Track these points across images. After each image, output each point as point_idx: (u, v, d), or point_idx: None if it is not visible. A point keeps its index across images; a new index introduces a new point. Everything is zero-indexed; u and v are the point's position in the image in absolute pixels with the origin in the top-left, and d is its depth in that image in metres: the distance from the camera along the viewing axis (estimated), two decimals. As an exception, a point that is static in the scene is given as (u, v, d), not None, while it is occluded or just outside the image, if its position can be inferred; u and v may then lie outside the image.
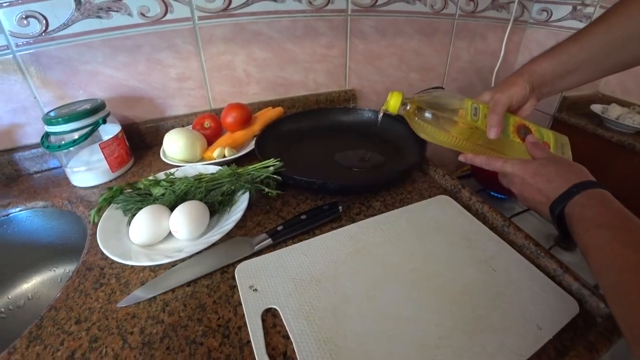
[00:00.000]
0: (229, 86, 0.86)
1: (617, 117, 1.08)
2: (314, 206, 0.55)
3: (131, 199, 0.55)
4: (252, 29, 0.82)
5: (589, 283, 0.44)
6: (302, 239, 0.50)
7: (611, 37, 0.48)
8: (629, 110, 1.10)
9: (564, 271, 0.46)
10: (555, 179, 0.41)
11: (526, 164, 0.45)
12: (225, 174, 0.55)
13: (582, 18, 1.10)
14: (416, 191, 0.63)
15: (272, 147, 0.70)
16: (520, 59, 1.30)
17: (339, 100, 0.99)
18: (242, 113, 0.71)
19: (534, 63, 0.54)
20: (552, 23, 1.18)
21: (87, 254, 0.51)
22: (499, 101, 0.51)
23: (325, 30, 0.90)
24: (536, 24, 1.22)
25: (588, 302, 0.43)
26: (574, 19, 1.12)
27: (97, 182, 0.69)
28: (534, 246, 0.49)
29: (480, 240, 0.51)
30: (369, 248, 0.48)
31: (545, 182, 0.42)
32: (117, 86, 0.77)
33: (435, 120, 0.52)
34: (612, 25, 0.48)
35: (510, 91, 0.52)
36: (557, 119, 1.22)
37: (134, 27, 0.73)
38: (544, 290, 0.44)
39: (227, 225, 0.49)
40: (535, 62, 0.54)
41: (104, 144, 0.68)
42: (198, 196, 0.53)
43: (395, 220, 0.54)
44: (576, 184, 0.39)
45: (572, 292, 0.44)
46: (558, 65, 0.52)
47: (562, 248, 0.92)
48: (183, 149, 0.67)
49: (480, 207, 0.58)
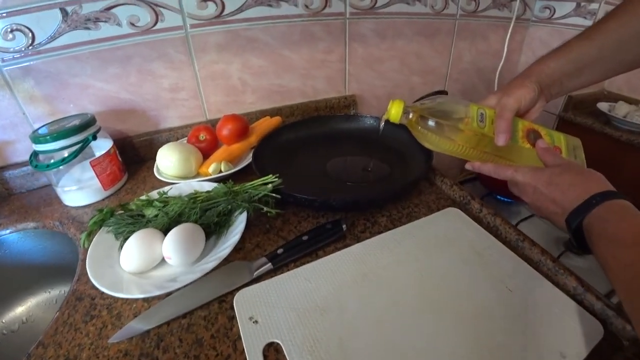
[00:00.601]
0: (224, 96, 0.83)
1: (625, 115, 1.05)
2: (316, 224, 0.53)
3: (122, 221, 0.52)
4: (246, 36, 0.79)
5: (612, 303, 0.41)
6: (305, 261, 0.47)
7: (623, 33, 0.46)
8: (636, 107, 1.07)
9: (585, 289, 0.43)
10: (571, 189, 0.38)
11: (538, 172, 0.42)
12: (221, 192, 0.52)
13: (586, 15, 1.07)
14: (423, 203, 0.60)
15: (270, 159, 0.67)
16: (523, 58, 1.27)
17: (339, 106, 0.96)
18: (238, 125, 0.68)
19: (542, 63, 0.51)
20: (555, 20, 1.15)
21: (78, 282, 0.48)
22: (506, 105, 0.48)
23: (323, 34, 0.87)
24: (539, 22, 1.19)
25: (613, 324, 0.40)
26: (577, 15, 1.09)
27: (90, 201, 0.67)
28: (551, 262, 0.46)
29: (493, 256, 0.48)
30: (376, 271, 0.45)
31: (560, 192, 0.39)
32: (109, 99, 0.75)
33: (440, 129, 0.49)
34: (624, 22, 0.46)
35: (517, 94, 0.49)
36: (563, 118, 1.19)
37: (124, 38, 0.70)
38: (564, 311, 0.41)
39: (224, 250, 0.46)
40: (543, 62, 0.51)
41: (95, 162, 0.65)
42: (193, 217, 0.50)
43: (403, 237, 0.51)
44: (595, 194, 0.36)
45: (595, 313, 0.41)
46: (567, 64, 0.50)
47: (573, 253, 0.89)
48: (177, 164, 0.64)
49: (492, 219, 0.54)
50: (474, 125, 0.47)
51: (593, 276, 0.60)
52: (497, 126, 0.47)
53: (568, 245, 0.91)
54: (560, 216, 0.39)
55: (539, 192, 0.41)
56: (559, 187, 0.39)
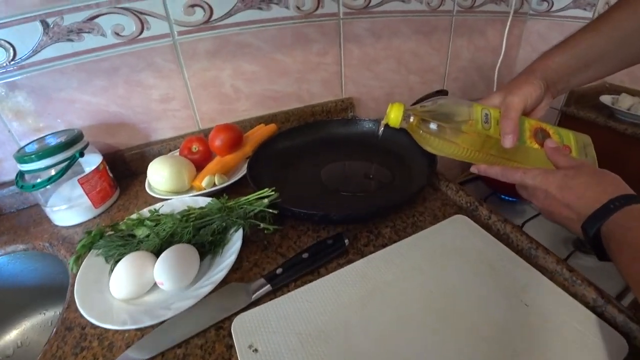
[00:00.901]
0: (216, 104, 0.81)
1: (629, 107, 1.02)
2: (317, 238, 0.50)
3: (112, 243, 0.49)
4: (237, 41, 0.76)
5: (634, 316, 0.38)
6: (306, 280, 0.45)
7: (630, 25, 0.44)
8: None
9: (606, 301, 0.40)
10: (587, 193, 0.36)
11: (550, 175, 0.39)
12: (215, 208, 0.49)
13: (585, 6, 1.05)
14: (428, 211, 0.57)
15: (266, 169, 0.65)
16: (522, 53, 1.24)
17: (336, 110, 0.93)
18: (231, 135, 0.65)
19: (547, 58, 0.48)
20: (553, 13, 1.12)
21: (67, 310, 0.46)
22: (512, 105, 0.45)
23: (317, 36, 0.84)
24: (537, 15, 1.16)
25: (637, 338, 0.37)
26: (577, 7, 1.07)
27: (80, 220, 0.64)
28: (567, 272, 0.44)
29: (506, 267, 0.46)
30: (382, 288, 0.43)
31: (574, 196, 0.37)
32: (97, 113, 0.72)
33: (442, 132, 0.46)
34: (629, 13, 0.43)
35: (523, 92, 0.46)
36: (565, 113, 1.16)
37: (109, 48, 0.67)
38: (585, 326, 0.38)
39: (219, 273, 0.43)
40: (548, 57, 0.48)
41: (83, 179, 0.62)
42: (186, 237, 0.47)
43: (409, 250, 0.48)
44: (613, 199, 0.34)
45: (617, 326, 0.38)
46: (573, 58, 0.47)
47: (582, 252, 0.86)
48: (169, 179, 0.61)
49: (502, 226, 0.52)
50: (478, 127, 0.45)
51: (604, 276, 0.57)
52: (503, 127, 0.44)
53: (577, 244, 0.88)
54: (575, 222, 0.37)
55: (551, 196, 0.39)
56: (573, 190, 0.37)
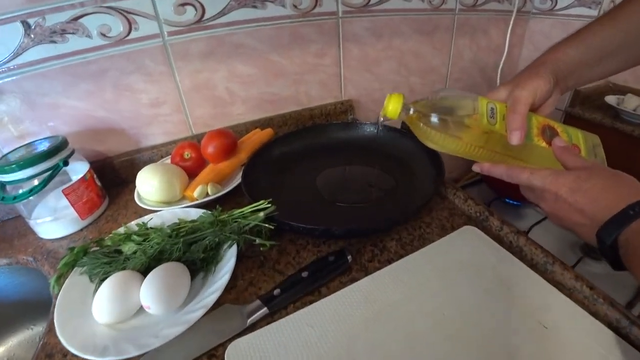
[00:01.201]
0: (210, 108, 0.77)
1: (635, 108, 0.99)
2: (317, 253, 0.46)
3: (97, 260, 0.46)
4: (231, 41, 0.73)
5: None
6: (306, 301, 0.41)
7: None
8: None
9: (631, 322, 0.37)
10: (602, 197, 0.33)
11: (560, 177, 0.36)
12: (207, 222, 0.46)
13: (590, 4, 1.02)
14: (435, 222, 0.53)
15: (262, 178, 0.61)
16: (525, 52, 1.21)
17: (336, 113, 0.90)
18: (224, 141, 0.62)
19: (558, 50, 0.45)
20: (557, 12, 1.09)
21: (48, 334, 0.42)
22: (520, 99, 0.41)
23: (315, 36, 0.81)
24: (540, 14, 1.13)
25: (667, 363, 0.34)
26: (581, 5, 1.04)
27: (66, 233, 0.61)
28: (588, 289, 0.40)
29: (521, 285, 0.42)
30: (389, 310, 0.39)
31: (588, 200, 0.33)
32: (83, 118, 0.68)
33: (444, 126, 0.42)
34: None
35: (532, 85, 0.42)
36: (570, 114, 1.13)
37: (96, 50, 0.63)
38: (609, 350, 0.35)
39: (211, 296, 0.39)
40: (559, 49, 0.45)
41: (69, 190, 0.58)
42: (176, 254, 0.44)
43: (417, 266, 0.45)
44: (632, 204, 0.30)
45: (645, 350, 0.35)
46: (587, 51, 0.44)
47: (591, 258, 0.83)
48: (159, 188, 0.57)
49: (515, 238, 0.48)
50: (483, 122, 0.40)
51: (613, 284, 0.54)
52: (510, 122, 0.40)
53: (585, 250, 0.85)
54: (588, 228, 0.34)
55: (561, 200, 0.35)
56: (587, 194, 0.33)
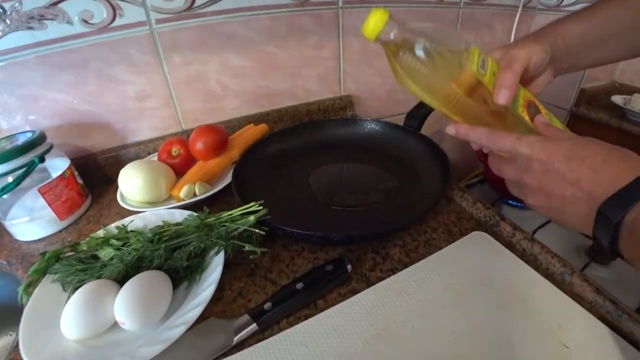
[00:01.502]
0: (201, 102, 0.72)
1: (642, 108, 0.96)
2: (313, 261, 0.42)
3: (71, 267, 0.41)
4: (224, 31, 0.68)
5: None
6: (300, 315, 0.37)
7: None
8: (654, 100, 0.97)
9: (661, 342, 0.33)
10: (605, 167, 0.27)
11: (552, 143, 0.30)
12: (192, 225, 0.42)
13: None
14: (442, 227, 0.49)
15: (255, 177, 0.56)
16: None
17: (334, 109, 0.85)
18: (214, 137, 0.57)
19: (559, 25, 0.40)
20: (563, 8, 1.05)
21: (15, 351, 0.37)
22: (517, 57, 0.36)
23: (314, 27, 0.76)
24: (546, 10, 1.09)
25: None
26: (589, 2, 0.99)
27: (44, 234, 0.56)
28: (610, 304, 0.37)
29: (537, 298, 0.38)
30: (394, 328, 0.35)
31: (587, 170, 0.27)
32: (65, 111, 0.63)
33: (430, 61, 0.34)
34: None
35: (530, 48, 0.37)
36: (575, 114, 1.09)
37: (77, 38, 0.59)
38: (639, 373, 0.31)
39: (194, 310, 0.35)
40: (561, 24, 0.40)
41: (45, 188, 0.54)
42: (156, 262, 0.39)
43: (423, 277, 0.40)
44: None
45: (678, 374, 0.31)
46: (589, 30, 0.39)
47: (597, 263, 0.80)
48: (143, 188, 0.53)
49: (528, 245, 0.45)
50: (473, 68, 0.34)
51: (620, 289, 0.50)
52: (502, 78, 0.34)
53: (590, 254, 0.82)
54: (583, 205, 0.28)
55: (552, 170, 0.29)
56: (586, 163, 0.28)
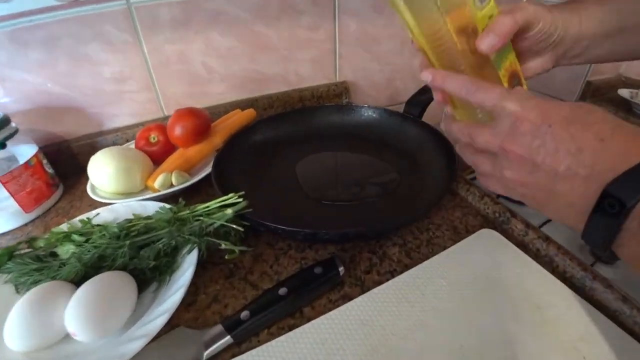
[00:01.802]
0: (185, 85, 0.67)
1: (650, 103, 0.91)
2: (301, 261, 0.37)
3: (25, 266, 0.36)
4: (209, 8, 0.62)
5: None
6: (283, 325, 0.32)
7: None
8: (661, 94, 0.93)
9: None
10: (617, 138, 0.22)
11: (548, 102, 0.25)
12: (163, 219, 0.37)
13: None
14: (446, 223, 0.44)
15: (239, 167, 0.51)
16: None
17: (329, 95, 0.80)
18: (195, 121, 0.52)
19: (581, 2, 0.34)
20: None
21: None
22: (523, 7, 0.31)
23: (307, 6, 0.70)
24: None
25: None
26: None
27: (8, 228, 0.51)
28: (637, 313, 0.32)
29: (554, 304, 0.34)
30: (393, 342, 0.30)
31: (592, 136, 0.22)
32: (34, 94, 0.58)
33: None
34: None
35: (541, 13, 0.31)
36: (582, 106, 1.04)
37: (46, 12, 0.53)
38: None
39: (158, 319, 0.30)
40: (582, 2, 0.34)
41: (7, 177, 0.49)
42: (120, 261, 0.34)
43: (426, 281, 0.35)
44: None
45: None
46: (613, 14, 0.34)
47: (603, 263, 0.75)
48: (115, 177, 0.48)
49: (543, 246, 0.40)
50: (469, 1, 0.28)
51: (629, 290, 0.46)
52: (496, 22, 0.29)
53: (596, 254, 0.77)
54: (580, 180, 0.22)
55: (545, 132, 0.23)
56: (591, 129, 0.22)
